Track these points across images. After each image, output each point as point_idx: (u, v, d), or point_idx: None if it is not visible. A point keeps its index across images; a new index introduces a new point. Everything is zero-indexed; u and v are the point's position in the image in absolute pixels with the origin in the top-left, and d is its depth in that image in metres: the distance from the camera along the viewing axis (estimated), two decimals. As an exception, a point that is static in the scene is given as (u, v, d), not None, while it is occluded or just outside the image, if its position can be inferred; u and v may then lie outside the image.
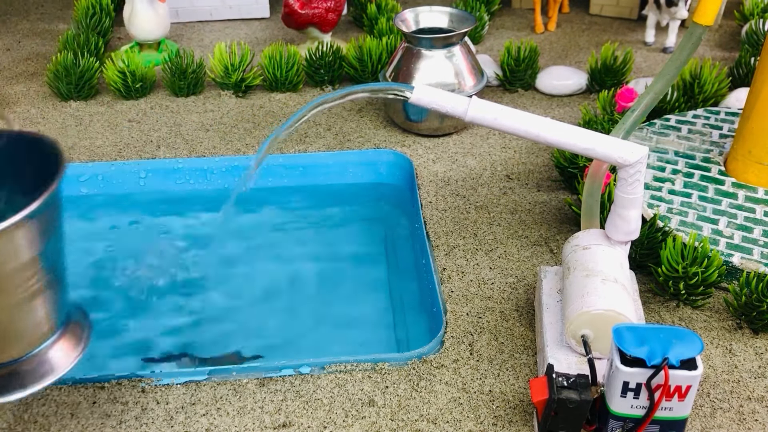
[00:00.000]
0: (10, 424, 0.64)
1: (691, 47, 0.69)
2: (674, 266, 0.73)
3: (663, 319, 0.74)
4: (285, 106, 1.12)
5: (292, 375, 0.68)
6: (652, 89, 0.70)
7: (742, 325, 0.73)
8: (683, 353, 0.52)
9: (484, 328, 0.73)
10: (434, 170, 0.97)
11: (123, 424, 0.64)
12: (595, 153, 0.60)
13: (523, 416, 0.64)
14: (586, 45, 1.31)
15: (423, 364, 0.69)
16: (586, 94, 1.15)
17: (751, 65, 1.10)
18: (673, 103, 1.02)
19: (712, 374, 0.68)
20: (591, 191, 0.68)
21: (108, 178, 0.98)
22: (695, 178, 0.88)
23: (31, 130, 0.49)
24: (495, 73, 1.14)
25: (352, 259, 0.86)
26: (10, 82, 1.20)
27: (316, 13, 1.18)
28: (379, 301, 0.81)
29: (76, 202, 0.96)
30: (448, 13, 1.05)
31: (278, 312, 0.80)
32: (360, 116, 1.09)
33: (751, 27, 1.21)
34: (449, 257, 0.82)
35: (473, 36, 1.30)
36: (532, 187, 0.94)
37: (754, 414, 0.64)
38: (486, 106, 0.59)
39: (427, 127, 1.02)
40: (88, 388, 0.67)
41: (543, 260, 0.82)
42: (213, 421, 0.64)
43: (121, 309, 0.81)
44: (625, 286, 0.62)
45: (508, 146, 1.02)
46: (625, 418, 0.55)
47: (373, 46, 1.13)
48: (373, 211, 0.96)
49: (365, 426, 0.63)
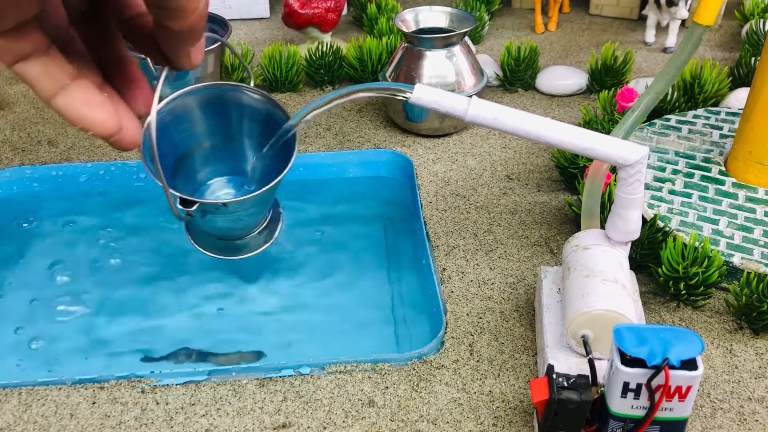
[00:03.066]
0: (9, 424, 0.64)
1: (692, 47, 0.69)
2: (674, 266, 0.73)
3: (663, 319, 0.74)
4: (285, 106, 1.11)
5: (291, 375, 0.68)
6: (653, 89, 0.70)
7: (742, 326, 0.73)
8: (684, 353, 0.52)
9: (485, 329, 0.73)
10: (434, 170, 0.97)
11: (122, 424, 0.64)
12: (595, 153, 0.60)
13: (524, 417, 0.64)
14: (586, 45, 1.31)
15: (423, 365, 0.69)
16: (586, 94, 1.15)
17: (751, 65, 1.10)
18: (674, 103, 1.02)
19: (713, 375, 0.68)
20: (591, 191, 0.68)
21: (108, 178, 0.98)
22: (695, 178, 0.88)
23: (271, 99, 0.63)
24: (495, 73, 1.14)
25: (352, 259, 0.86)
26: (10, 82, 1.20)
27: (316, 13, 1.18)
28: (379, 301, 0.81)
29: (77, 202, 0.96)
30: (448, 13, 1.04)
31: (278, 312, 0.80)
32: (360, 116, 1.09)
33: (752, 27, 1.21)
34: (449, 257, 0.82)
35: (473, 36, 1.30)
36: (532, 188, 0.93)
37: (754, 414, 0.64)
38: (486, 106, 0.59)
39: (427, 127, 1.02)
40: (87, 389, 0.67)
41: (543, 260, 0.82)
42: (213, 422, 0.64)
43: (121, 309, 0.81)
44: (625, 286, 0.62)
45: (508, 146, 1.02)
46: (626, 418, 0.55)
47: (373, 46, 1.12)
48: (372, 211, 0.96)
49: (365, 426, 0.63)
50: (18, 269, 0.86)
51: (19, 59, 0.34)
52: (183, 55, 0.39)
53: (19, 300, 0.82)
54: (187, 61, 0.40)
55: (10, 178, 0.98)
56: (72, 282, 0.84)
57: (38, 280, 0.84)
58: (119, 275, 0.85)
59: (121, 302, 0.81)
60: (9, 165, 0.98)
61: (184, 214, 0.58)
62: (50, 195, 0.97)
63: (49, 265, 0.86)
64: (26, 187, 0.98)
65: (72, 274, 0.85)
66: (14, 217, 0.94)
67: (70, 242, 0.90)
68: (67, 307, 0.81)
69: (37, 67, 0.34)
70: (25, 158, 1.00)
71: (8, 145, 1.03)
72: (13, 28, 0.33)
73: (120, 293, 0.83)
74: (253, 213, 0.66)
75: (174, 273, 0.85)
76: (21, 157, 1.00)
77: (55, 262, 0.87)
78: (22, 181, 0.98)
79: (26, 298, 0.82)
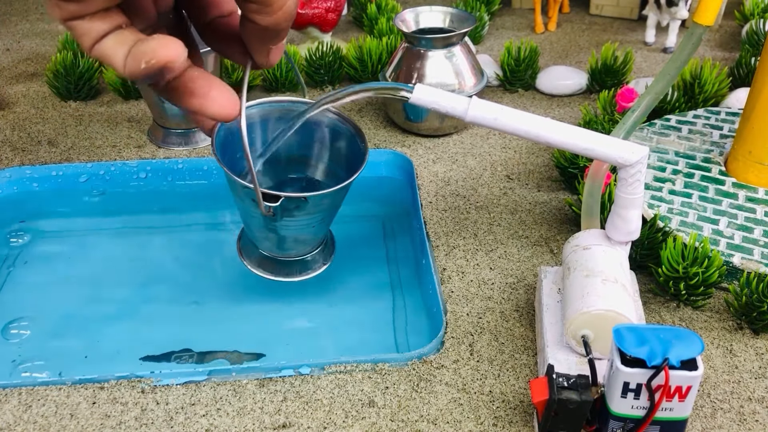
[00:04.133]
0: (9, 424, 0.64)
1: (692, 47, 0.69)
2: (675, 266, 0.73)
3: (663, 319, 0.74)
4: (285, 106, 1.12)
5: (291, 375, 0.68)
6: (653, 89, 0.70)
7: (742, 326, 0.73)
8: (684, 354, 0.52)
9: (485, 329, 0.73)
10: (434, 170, 0.97)
11: (122, 424, 0.64)
12: (596, 153, 0.60)
13: (524, 417, 0.64)
14: (586, 45, 1.31)
15: (423, 365, 0.69)
16: (586, 94, 1.15)
17: (751, 65, 1.10)
18: (674, 103, 1.02)
19: (713, 375, 0.68)
20: (591, 191, 0.68)
21: (108, 178, 0.98)
22: (696, 178, 0.88)
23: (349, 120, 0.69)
24: (495, 73, 1.14)
25: (352, 259, 0.86)
26: (9, 82, 1.20)
27: (316, 13, 1.18)
28: (379, 301, 0.81)
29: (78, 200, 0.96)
30: (448, 13, 1.05)
31: (278, 312, 0.80)
32: (360, 116, 1.09)
33: (752, 27, 1.21)
34: (449, 257, 0.82)
35: (473, 36, 1.30)
36: (532, 188, 0.93)
37: (754, 414, 0.64)
38: (486, 106, 0.59)
39: (427, 127, 1.02)
40: (87, 389, 0.67)
41: (543, 260, 0.82)
42: (213, 422, 0.64)
43: (121, 308, 0.81)
44: (625, 286, 0.62)
45: (508, 146, 1.02)
46: (626, 418, 0.55)
47: (373, 46, 1.13)
48: (372, 211, 0.96)
49: (365, 426, 0.63)
50: (18, 269, 0.86)
51: (96, 42, 0.34)
52: (263, 53, 0.41)
53: (20, 299, 0.82)
54: (265, 59, 0.42)
55: (10, 178, 0.98)
56: (72, 282, 0.84)
57: (38, 280, 0.84)
58: (119, 275, 0.85)
59: (121, 302, 0.81)
60: (9, 165, 0.99)
61: (267, 210, 0.59)
62: (50, 195, 0.97)
63: (49, 266, 0.86)
64: (26, 187, 0.98)
65: (72, 273, 0.85)
66: (14, 217, 0.94)
67: (69, 242, 0.90)
68: (68, 307, 0.81)
69: (111, 40, 0.34)
70: (25, 158, 1.00)
71: (8, 145, 1.03)
72: (99, 11, 0.34)
73: (120, 292, 0.83)
74: (322, 219, 0.67)
75: (174, 272, 0.85)
76: (21, 157, 1.00)
77: (55, 262, 0.87)
78: (22, 181, 0.98)
79: (27, 297, 0.82)
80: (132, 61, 0.34)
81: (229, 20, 0.42)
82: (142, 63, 0.33)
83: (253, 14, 0.37)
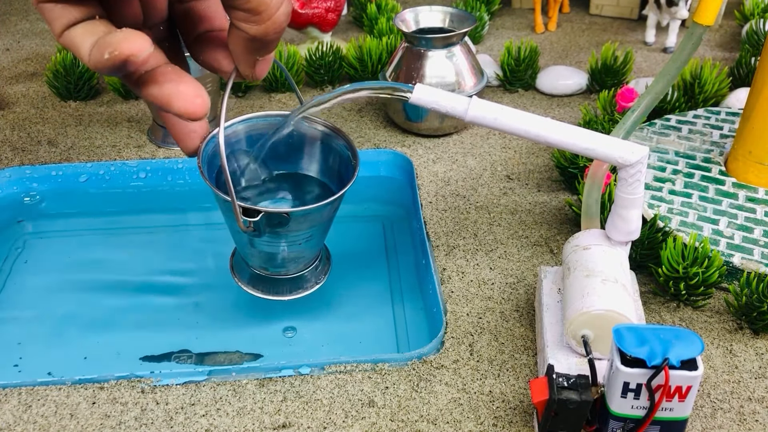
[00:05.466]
0: (9, 424, 0.64)
1: (692, 47, 0.69)
2: (675, 266, 0.73)
3: (663, 319, 0.74)
4: (285, 106, 1.12)
5: (291, 375, 0.68)
6: (653, 89, 0.70)
7: (742, 326, 0.73)
8: (684, 354, 0.52)
9: (485, 329, 0.73)
10: (434, 170, 0.97)
11: (122, 424, 0.64)
12: (596, 153, 0.60)
13: (523, 417, 0.64)
14: (586, 45, 1.31)
15: (423, 365, 0.69)
16: (586, 94, 1.15)
17: (751, 65, 1.10)
18: (674, 103, 1.02)
19: (713, 375, 0.68)
20: (591, 191, 0.68)
21: (108, 178, 0.98)
22: (696, 178, 0.88)
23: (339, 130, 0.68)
24: (495, 73, 1.14)
25: (352, 259, 0.86)
26: (9, 82, 1.20)
27: (316, 13, 1.18)
28: (379, 301, 0.81)
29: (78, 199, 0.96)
30: (448, 13, 1.05)
31: (278, 312, 0.80)
32: (360, 116, 1.09)
33: (752, 27, 1.21)
34: (449, 257, 0.82)
35: (473, 36, 1.30)
36: (532, 188, 0.93)
37: (754, 414, 0.64)
38: (486, 106, 0.59)
39: (427, 127, 1.02)
40: (87, 389, 0.67)
41: (543, 260, 0.82)
42: (213, 422, 0.64)
43: (121, 308, 0.81)
44: (625, 286, 0.62)
45: (508, 146, 1.02)
46: (626, 418, 0.55)
47: (373, 46, 1.13)
48: (372, 211, 0.96)
49: (365, 426, 0.63)
50: (18, 269, 0.86)
51: (65, 29, 0.35)
52: (249, 63, 0.41)
53: (20, 299, 0.82)
54: (251, 70, 0.42)
55: (9, 178, 0.98)
56: (72, 282, 0.84)
57: (38, 280, 0.84)
58: (119, 274, 0.85)
59: (121, 301, 0.81)
60: (9, 165, 0.98)
61: (247, 226, 0.57)
62: (50, 195, 0.97)
63: (49, 266, 0.86)
64: (26, 187, 0.98)
65: (72, 273, 0.85)
66: (14, 217, 0.94)
67: (69, 242, 0.90)
68: (68, 307, 0.81)
69: (81, 29, 0.35)
70: (24, 158, 1.00)
71: (8, 145, 1.03)
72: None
73: (120, 292, 0.83)
74: (310, 236, 0.66)
75: (174, 272, 0.85)
76: (21, 157, 1.00)
77: (55, 262, 0.87)
78: (22, 181, 0.98)
79: (27, 297, 0.82)
80: (96, 51, 0.34)
81: (219, 35, 0.42)
82: (106, 54, 0.33)
83: (242, 22, 0.36)
